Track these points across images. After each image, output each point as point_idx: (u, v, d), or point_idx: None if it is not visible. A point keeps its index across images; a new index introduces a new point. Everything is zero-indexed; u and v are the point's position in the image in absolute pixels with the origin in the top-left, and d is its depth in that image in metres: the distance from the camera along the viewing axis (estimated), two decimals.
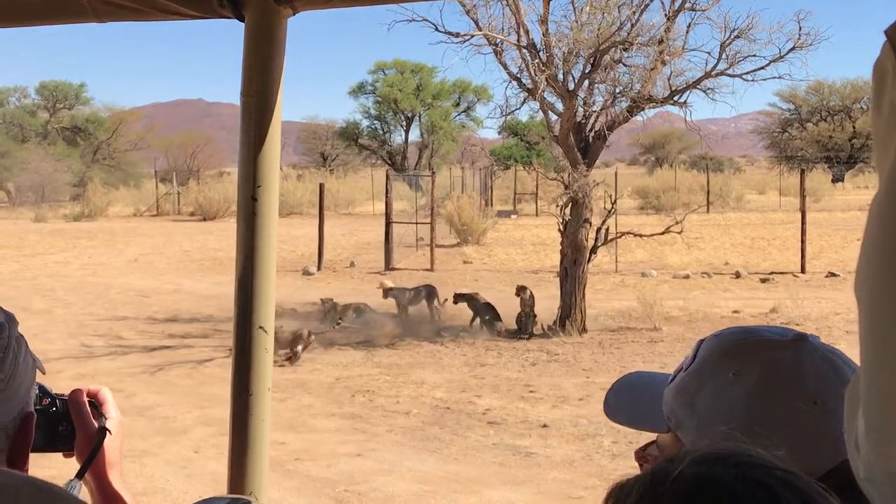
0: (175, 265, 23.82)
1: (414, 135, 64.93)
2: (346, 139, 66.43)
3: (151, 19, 1.80)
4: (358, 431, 9.09)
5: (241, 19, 1.79)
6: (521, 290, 14.35)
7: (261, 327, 1.85)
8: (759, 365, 1.20)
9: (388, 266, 21.97)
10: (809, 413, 1.16)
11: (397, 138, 65.16)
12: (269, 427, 1.90)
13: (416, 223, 24.56)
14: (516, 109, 14.62)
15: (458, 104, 63.82)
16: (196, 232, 35.01)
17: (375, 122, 64.85)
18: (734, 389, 1.20)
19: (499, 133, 61.53)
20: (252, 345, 1.86)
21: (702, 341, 1.31)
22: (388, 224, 22.61)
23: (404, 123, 63.67)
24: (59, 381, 11.00)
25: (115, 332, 14.41)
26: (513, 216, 39.28)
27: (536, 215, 39.21)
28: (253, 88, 1.81)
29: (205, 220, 41.51)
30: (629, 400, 1.42)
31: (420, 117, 62.62)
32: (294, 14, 1.81)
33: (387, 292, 15.41)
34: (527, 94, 14.01)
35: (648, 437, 1.37)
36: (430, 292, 15.26)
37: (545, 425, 9.20)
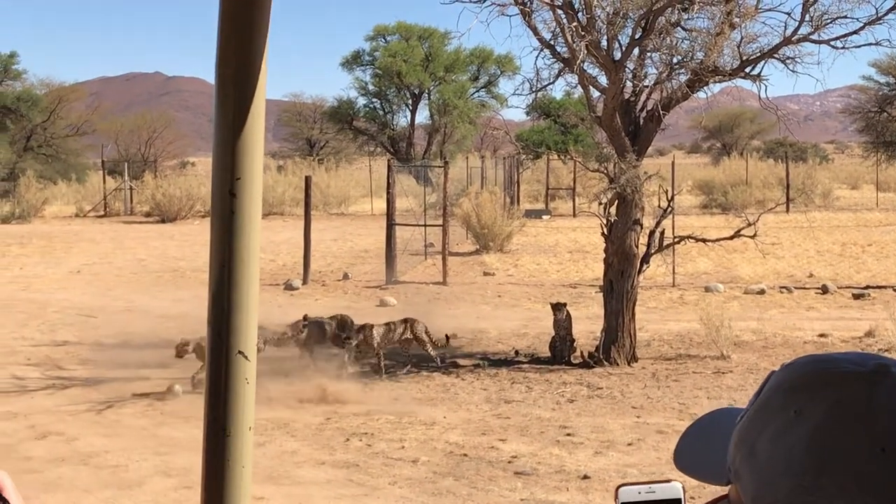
0: (127, 278, 23.90)
1: (422, 116, 65.03)
2: (338, 122, 66.51)
3: None
4: (354, 484, 9.10)
5: None
6: (556, 308, 14.35)
7: (240, 352, 1.84)
8: (823, 402, 1.19)
9: (391, 278, 22.00)
10: (875, 462, 1.15)
11: (401, 120, 65.27)
12: (250, 475, 1.90)
13: (425, 225, 24.59)
14: (549, 84, 14.64)
15: (476, 78, 63.88)
16: (153, 236, 35.14)
17: (374, 100, 64.95)
18: (794, 432, 1.19)
19: (527, 114, 61.39)
20: (229, 374, 1.85)
21: (773, 373, 1.31)
22: (389, 226, 22.65)
23: (410, 102, 63.77)
24: None
25: (54, 361, 14.47)
26: (544, 216, 39.31)
27: (574, 215, 39.27)
28: (231, 57, 1.81)
29: (163, 221, 41.67)
30: (699, 445, 1.41)
31: (429, 94, 62.70)
32: None
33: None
34: (562, 65, 14.02)
35: (718, 490, 1.37)
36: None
37: (586, 477, 9.19)
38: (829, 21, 13.69)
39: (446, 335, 15.21)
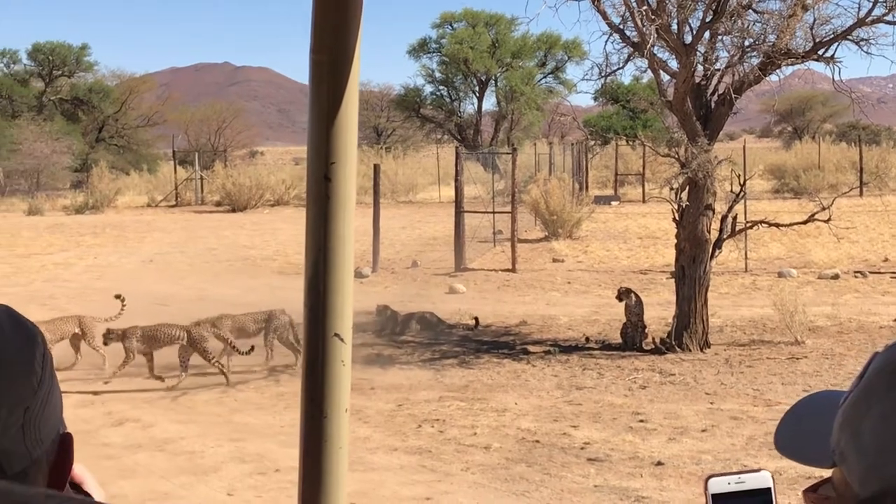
0: (198, 266, 24.15)
1: (489, 103, 65.02)
2: (406, 109, 66.69)
3: None
4: (426, 470, 9.13)
5: None
6: (624, 293, 14.30)
7: (336, 335, 1.86)
8: None
9: (460, 266, 22.03)
10: None
11: (468, 107, 65.34)
12: (347, 456, 1.92)
13: (494, 212, 24.58)
14: (619, 69, 14.56)
15: (543, 64, 63.71)
16: (223, 226, 35.48)
17: (441, 87, 65.05)
18: None
19: (595, 99, 61.22)
20: (326, 356, 1.87)
21: (876, 354, 1.29)
22: (458, 214, 22.67)
23: (477, 89, 63.75)
24: (64, 406, 11.23)
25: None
26: (613, 202, 39.16)
27: (643, 201, 39.06)
28: (325, 44, 1.82)
29: (233, 210, 42.05)
30: (800, 429, 1.40)
31: (496, 81, 62.65)
32: None
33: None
34: (632, 49, 13.94)
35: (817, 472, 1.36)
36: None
37: (659, 463, 9.15)
38: None
39: (475, 318, 15.32)
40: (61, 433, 1.34)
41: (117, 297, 14.42)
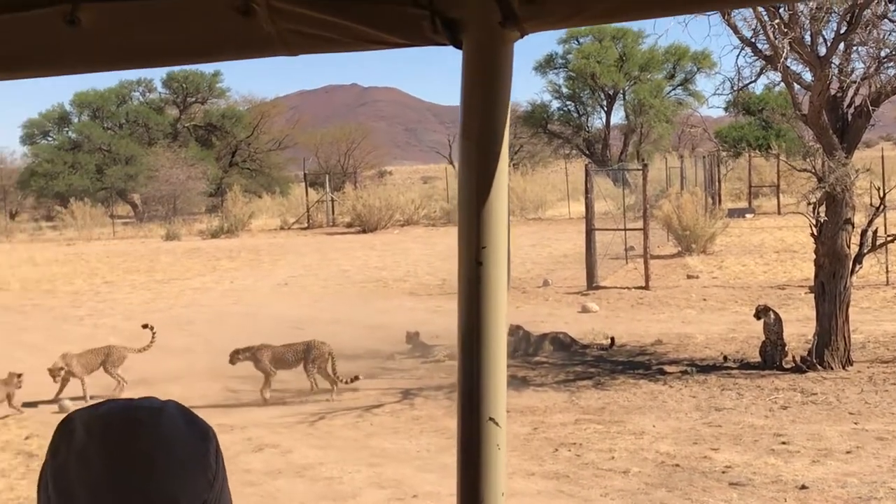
0: (332, 289, 24.46)
1: (617, 117, 64.66)
2: (533, 125, 66.67)
3: (350, 50, 1.86)
4: (564, 495, 9.08)
5: (459, 46, 1.81)
6: (762, 312, 14.05)
7: (491, 419, 1.87)
8: None
9: (591, 284, 21.90)
10: None
11: (596, 122, 65.11)
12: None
13: (625, 229, 24.40)
14: (751, 83, 14.38)
15: (672, 76, 63.18)
16: (355, 247, 35.88)
17: (568, 102, 64.93)
18: None
19: (726, 110, 60.45)
20: (481, 440, 1.87)
21: None
22: (588, 231, 22.55)
23: (605, 103, 63.49)
24: None
25: None
26: (748, 215, 38.57)
27: (779, 213, 38.40)
28: (474, 128, 1.84)
29: (364, 231, 42.50)
30: None
31: (624, 95, 62.32)
32: (521, 37, 1.83)
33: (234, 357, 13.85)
34: (764, 62, 13.74)
35: None
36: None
37: (804, 487, 8.96)
38: None
39: (610, 338, 15.24)
40: None
41: (145, 326, 14.60)
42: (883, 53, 13.55)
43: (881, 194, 14.33)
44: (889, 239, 14.35)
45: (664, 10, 1.75)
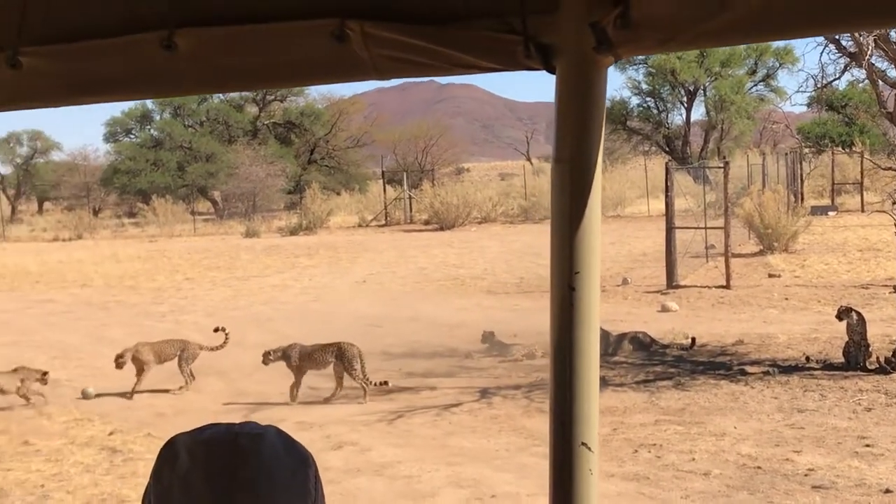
0: (410, 286, 24.54)
1: (697, 113, 64.12)
2: (612, 122, 66.21)
3: (442, 74, 1.88)
4: (645, 497, 9.04)
5: (552, 71, 1.83)
6: (844, 313, 13.86)
7: (584, 444, 1.87)
8: None
9: (671, 283, 21.75)
10: None
11: (677, 118, 64.52)
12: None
13: (706, 228, 24.18)
14: (835, 80, 14.21)
15: (754, 72, 62.42)
16: (432, 244, 35.97)
17: (648, 99, 64.46)
18: None
19: (808, 106, 59.67)
20: (573, 465, 1.87)
21: None
22: (669, 230, 22.38)
23: (685, 100, 62.93)
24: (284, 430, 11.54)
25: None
26: (830, 213, 38.05)
27: (862, 210, 37.84)
28: (567, 152, 1.84)
29: (441, 229, 42.60)
30: None
31: (705, 91, 61.72)
32: (615, 62, 1.84)
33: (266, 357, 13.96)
34: (849, 59, 13.56)
35: None
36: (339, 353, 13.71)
37: (888, 490, 8.84)
38: None
39: (691, 338, 15.02)
40: None
41: (216, 330, 14.74)
42: None
43: None
44: None
45: (754, 36, 1.74)
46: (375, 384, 13.36)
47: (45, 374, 13.68)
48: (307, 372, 13.55)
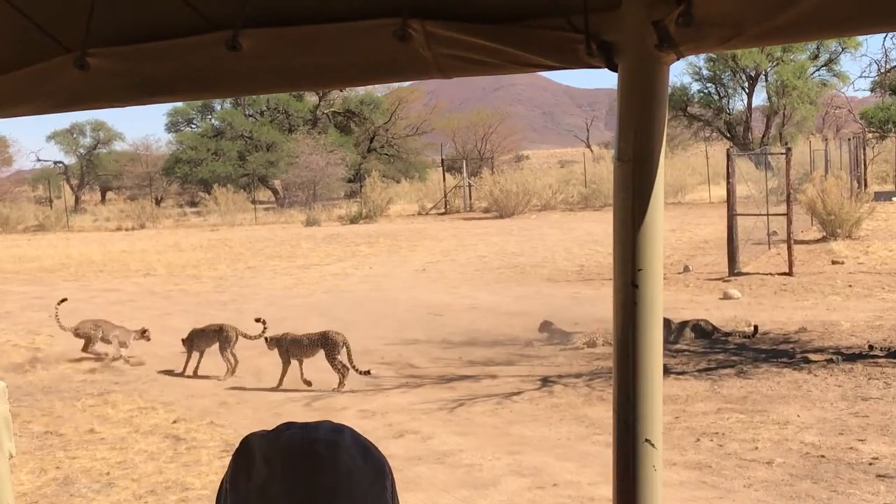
0: (470, 275, 24.56)
1: (759, 98, 63.41)
2: (673, 108, 65.76)
3: (504, 73, 1.90)
4: (707, 486, 9.00)
5: (614, 69, 1.84)
6: None
7: (647, 440, 1.88)
8: None
9: (733, 270, 21.58)
10: None
11: (738, 104, 63.85)
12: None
13: (768, 214, 23.97)
14: None
15: (816, 56, 61.63)
16: (491, 232, 35.97)
17: (709, 85, 63.86)
18: None
19: (871, 90, 58.87)
20: (637, 462, 1.88)
21: None
22: (730, 216, 22.21)
23: (746, 85, 62.31)
24: (345, 420, 11.63)
25: (406, 359, 15.05)
26: (895, 199, 37.58)
27: None
28: (629, 150, 1.85)
29: (501, 217, 42.57)
30: None
31: (766, 76, 61.04)
32: (677, 59, 1.84)
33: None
34: None
35: None
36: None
37: None
38: None
39: (754, 326, 14.87)
40: None
41: (257, 320, 14.89)
42: None
43: None
44: None
45: (820, 32, 1.73)
46: (361, 372, 13.51)
47: (145, 331, 15.49)
48: (302, 359, 13.83)
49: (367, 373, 13.58)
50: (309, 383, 13.46)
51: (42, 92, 2.13)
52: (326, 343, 13.67)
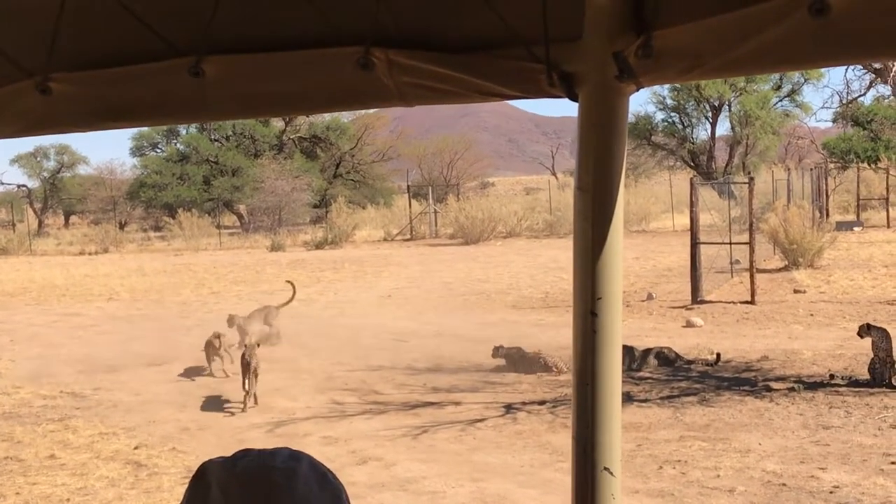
0: (435, 301, 24.54)
1: (723, 128, 63.93)
2: (637, 137, 66.16)
3: (466, 101, 1.91)
4: None
5: (575, 98, 1.85)
6: (864, 330, 13.85)
7: (606, 468, 1.88)
8: None
9: (696, 298, 21.69)
10: None
11: (702, 133, 64.43)
12: None
13: (731, 243, 24.12)
14: (860, 96, 14.17)
15: (779, 87, 62.24)
16: (457, 259, 35.98)
17: (673, 114, 64.41)
18: None
19: (833, 121, 59.43)
20: (595, 490, 1.89)
21: None
22: (693, 245, 22.34)
23: (710, 115, 62.84)
24: (308, 446, 11.57)
25: (370, 386, 15.00)
26: (856, 228, 37.90)
27: (888, 226, 37.71)
28: (589, 179, 1.86)
29: (466, 243, 42.58)
30: None
31: (730, 106, 61.61)
32: (637, 90, 1.86)
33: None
34: (874, 76, 13.53)
35: None
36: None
37: None
38: None
39: (717, 354, 14.91)
40: None
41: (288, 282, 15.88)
42: None
43: None
44: None
45: (778, 65, 1.75)
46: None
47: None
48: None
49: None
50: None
51: (4, 117, 2.11)
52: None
